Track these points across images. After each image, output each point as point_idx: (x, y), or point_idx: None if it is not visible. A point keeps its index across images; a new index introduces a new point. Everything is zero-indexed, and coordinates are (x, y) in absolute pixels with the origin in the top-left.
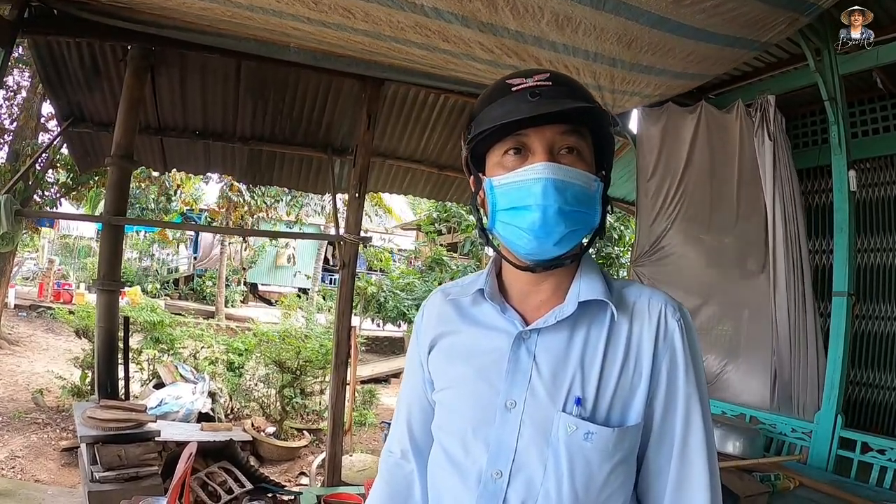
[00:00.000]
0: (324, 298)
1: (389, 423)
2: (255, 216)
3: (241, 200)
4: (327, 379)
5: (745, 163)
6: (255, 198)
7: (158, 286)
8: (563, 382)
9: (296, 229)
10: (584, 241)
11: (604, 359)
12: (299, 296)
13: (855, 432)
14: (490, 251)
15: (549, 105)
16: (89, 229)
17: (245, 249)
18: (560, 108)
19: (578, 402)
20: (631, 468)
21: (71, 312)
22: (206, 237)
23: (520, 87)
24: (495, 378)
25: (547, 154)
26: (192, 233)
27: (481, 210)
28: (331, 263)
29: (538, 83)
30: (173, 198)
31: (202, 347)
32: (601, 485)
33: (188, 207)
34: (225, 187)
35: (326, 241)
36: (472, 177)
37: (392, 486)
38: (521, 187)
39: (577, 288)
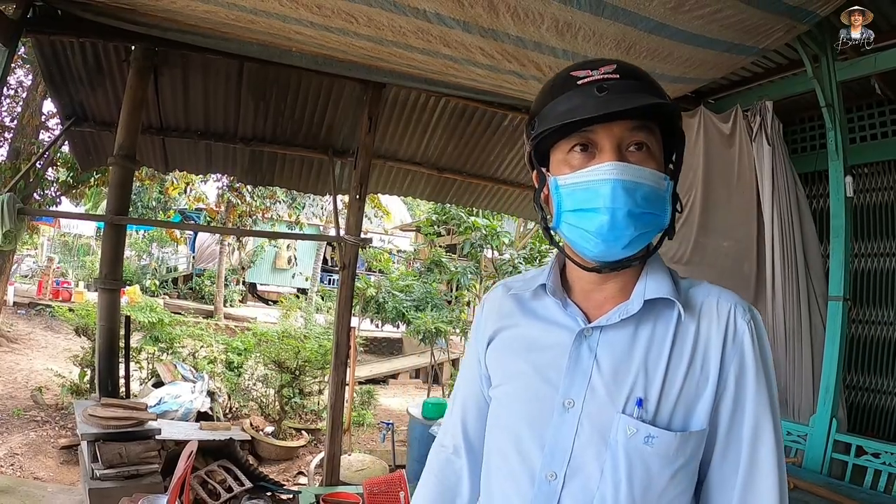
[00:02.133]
0: (322, 299)
1: (388, 424)
2: (253, 217)
3: (240, 203)
4: (326, 379)
5: (744, 167)
6: (255, 198)
7: (157, 284)
8: (625, 383)
9: (296, 230)
10: (654, 241)
11: (669, 359)
12: (297, 296)
13: (850, 436)
14: (488, 252)
15: (618, 101)
16: (88, 227)
17: (238, 249)
18: (630, 105)
19: (640, 403)
20: (692, 475)
21: (70, 310)
22: (202, 236)
23: (586, 80)
24: (554, 375)
25: (615, 152)
26: (189, 232)
27: (545, 208)
28: (329, 264)
29: (605, 76)
30: (182, 196)
31: (201, 347)
32: (660, 491)
33: (200, 204)
34: (224, 187)
35: (325, 242)
36: (534, 172)
37: (442, 482)
38: (589, 188)
39: (644, 285)
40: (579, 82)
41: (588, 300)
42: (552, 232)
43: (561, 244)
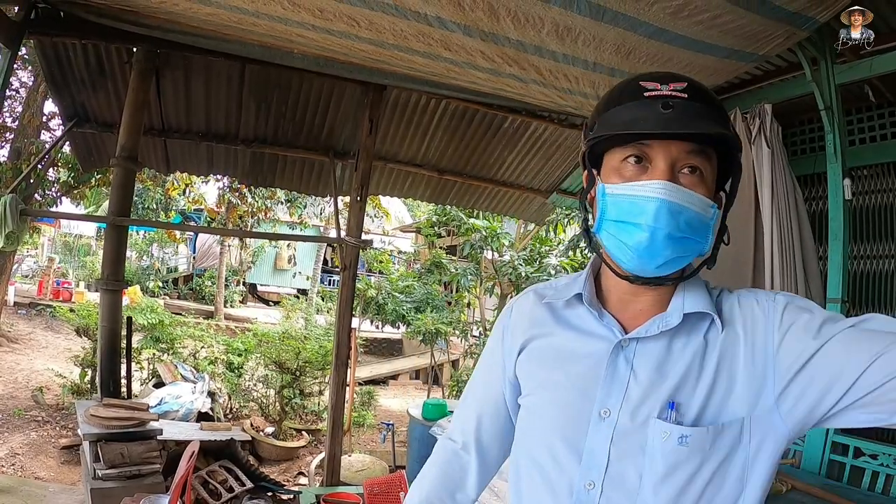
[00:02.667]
0: (322, 300)
1: (388, 424)
2: (254, 217)
3: (240, 203)
4: (326, 380)
5: (743, 170)
6: (257, 199)
7: (159, 285)
8: (659, 391)
9: (298, 231)
10: (694, 264)
11: (701, 369)
12: (297, 297)
13: (848, 437)
14: (488, 254)
15: (680, 122)
16: (89, 228)
17: (243, 250)
18: (692, 130)
19: (672, 406)
20: (732, 476)
21: (71, 311)
22: (203, 236)
23: (653, 93)
24: (589, 386)
25: (668, 171)
26: (190, 232)
27: (589, 209)
28: (330, 265)
29: (673, 93)
30: (181, 197)
31: (202, 347)
32: (699, 492)
33: (198, 205)
34: (225, 188)
35: (326, 243)
36: (585, 171)
37: (446, 472)
38: (634, 202)
39: (682, 299)
40: (646, 94)
41: (624, 311)
42: (592, 236)
43: (599, 249)
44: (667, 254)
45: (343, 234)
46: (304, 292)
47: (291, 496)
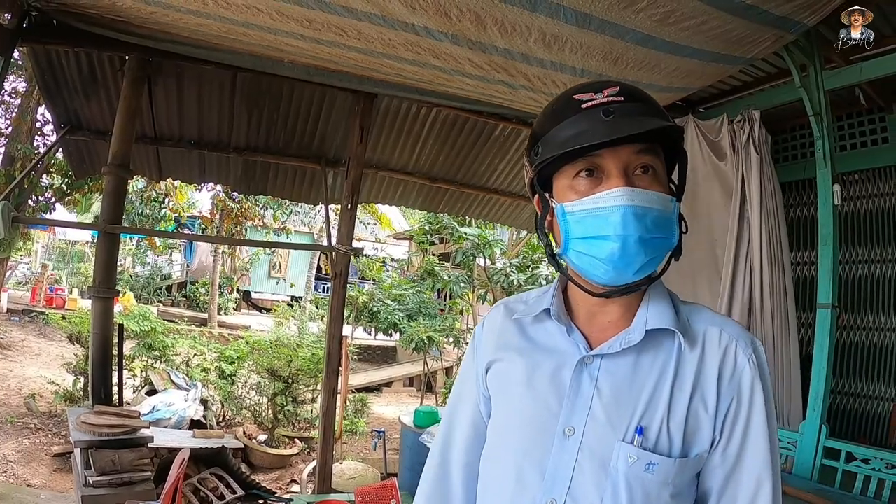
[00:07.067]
0: (316, 307)
1: (380, 432)
2: (250, 222)
3: (230, 209)
4: (319, 387)
5: (731, 176)
6: (252, 204)
7: (150, 294)
8: (626, 411)
9: (283, 238)
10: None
11: (672, 389)
12: (291, 304)
13: (839, 442)
14: (480, 262)
15: (626, 125)
16: (83, 234)
17: (245, 255)
18: (640, 129)
19: (640, 431)
20: (690, 496)
21: (64, 318)
22: (200, 246)
23: (590, 103)
24: (554, 403)
25: (623, 177)
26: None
27: (550, 234)
28: (323, 272)
29: (610, 99)
30: (162, 205)
31: (195, 355)
32: None
33: (176, 214)
34: (218, 194)
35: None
36: (536, 196)
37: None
38: (598, 215)
39: (645, 313)
40: (583, 106)
41: (591, 324)
42: (559, 259)
43: (566, 269)
44: (641, 258)
45: (334, 241)
46: (297, 300)
47: (283, 503)
